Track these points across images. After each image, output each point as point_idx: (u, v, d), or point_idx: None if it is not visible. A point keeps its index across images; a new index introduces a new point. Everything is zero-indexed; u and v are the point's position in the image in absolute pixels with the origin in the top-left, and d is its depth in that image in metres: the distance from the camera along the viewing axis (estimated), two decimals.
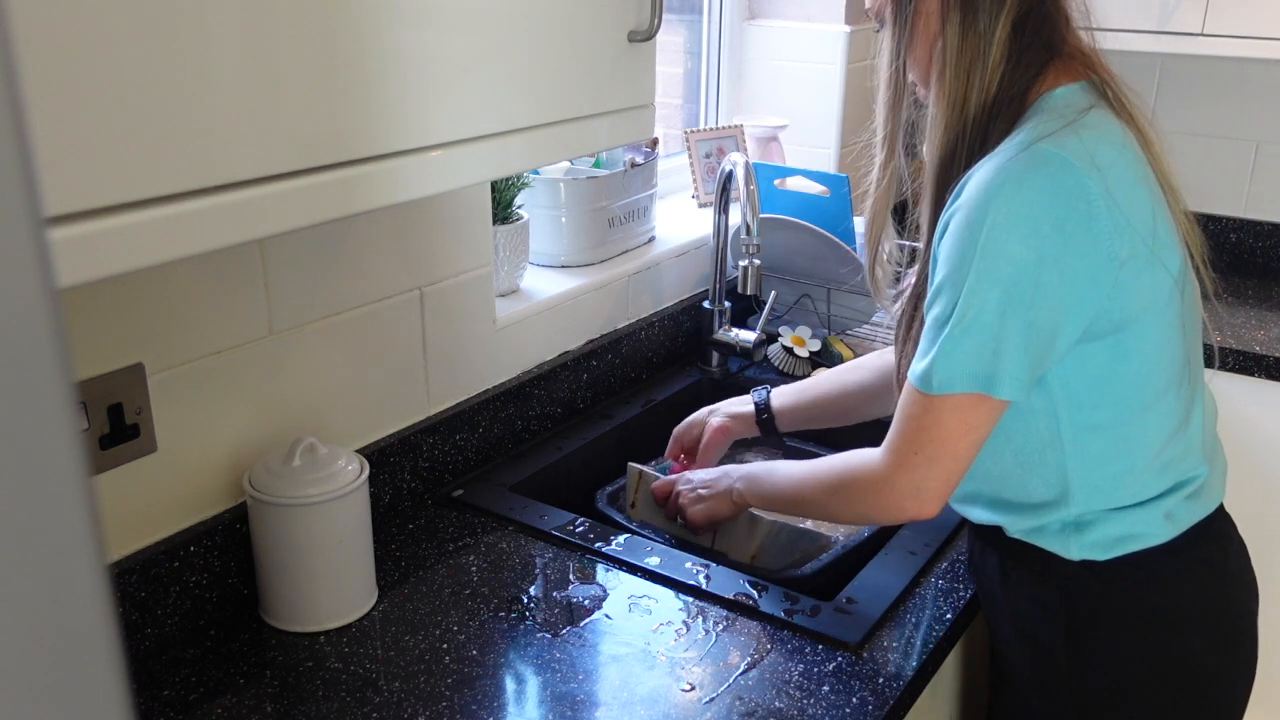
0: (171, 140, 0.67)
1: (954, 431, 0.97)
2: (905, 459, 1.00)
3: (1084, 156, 0.93)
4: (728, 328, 1.78)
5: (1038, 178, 0.92)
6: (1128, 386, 1.00)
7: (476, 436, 1.43)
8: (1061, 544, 1.04)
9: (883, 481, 1.02)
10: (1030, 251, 0.92)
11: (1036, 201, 0.92)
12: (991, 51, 0.99)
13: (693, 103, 2.23)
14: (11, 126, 0.27)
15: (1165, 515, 1.03)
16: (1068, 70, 1.02)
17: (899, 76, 1.07)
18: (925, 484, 0.99)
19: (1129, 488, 1.02)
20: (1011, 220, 0.92)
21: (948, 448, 0.98)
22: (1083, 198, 0.92)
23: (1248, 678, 1.11)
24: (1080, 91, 1.00)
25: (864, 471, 1.05)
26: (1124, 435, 1.01)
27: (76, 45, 0.62)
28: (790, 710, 0.99)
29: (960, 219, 0.95)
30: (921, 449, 0.99)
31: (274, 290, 1.15)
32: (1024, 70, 1.00)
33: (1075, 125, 0.95)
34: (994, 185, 0.93)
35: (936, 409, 0.97)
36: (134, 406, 1.03)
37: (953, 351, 0.95)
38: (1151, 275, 0.96)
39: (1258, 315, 2.10)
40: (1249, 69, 2.27)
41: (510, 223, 1.50)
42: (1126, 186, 0.95)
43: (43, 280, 0.28)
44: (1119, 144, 0.97)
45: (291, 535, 1.08)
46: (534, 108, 0.94)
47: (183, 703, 1.00)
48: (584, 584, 1.19)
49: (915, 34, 1.03)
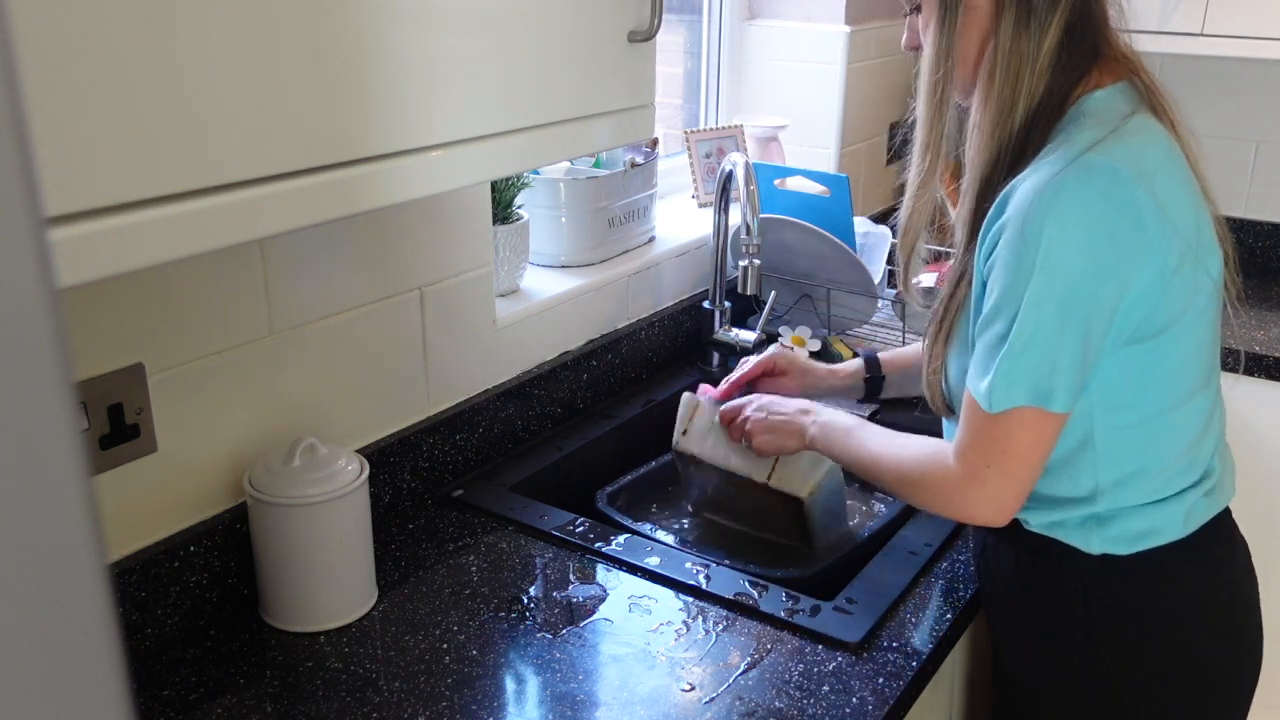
0: (171, 140, 0.67)
1: (1023, 445, 0.97)
2: (977, 472, 0.99)
3: (1132, 164, 0.92)
4: (728, 328, 1.78)
5: (1089, 190, 0.92)
6: (1163, 387, 1.00)
7: (476, 436, 1.43)
8: (1083, 538, 1.04)
9: (955, 490, 1.01)
10: (1089, 264, 0.91)
11: (1090, 214, 0.91)
12: (1042, 55, 0.97)
13: (693, 103, 2.23)
14: (11, 126, 0.27)
15: (1186, 512, 1.03)
16: (1110, 71, 1.01)
17: (946, 77, 1.03)
18: (998, 497, 0.99)
19: (1154, 484, 1.03)
20: (1067, 234, 0.91)
21: (1019, 461, 0.97)
22: (1133, 207, 0.92)
23: (1253, 677, 1.11)
24: (1119, 94, 0.99)
25: (939, 474, 1.03)
26: (1154, 433, 1.01)
27: (77, 45, 0.62)
28: (790, 710, 0.99)
29: (1013, 234, 0.94)
30: (993, 463, 0.98)
31: (274, 290, 1.15)
32: (1069, 74, 0.99)
33: (1120, 132, 0.95)
34: (1046, 198, 0.92)
35: (1002, 424, 0.97)
36: (134, 406, 1.03)
37: (1013, 369, 0.95)
38: (1195, 280, 0.97)
39: (1258, 315, 2.10)
40: (1249, 69, 2.27)
41: (510, 223, 1.50)
42: (1172, 192, 0.95)
43: (43, 280, 0.28)
44: (1164, 149, 0.97)
45: (291, 535, 1.08)
46: (534, 108, 0.94)
47: (183, 703, 1.00)
48: (584, 584, 1.19)
49: (966, 31, 1.00)
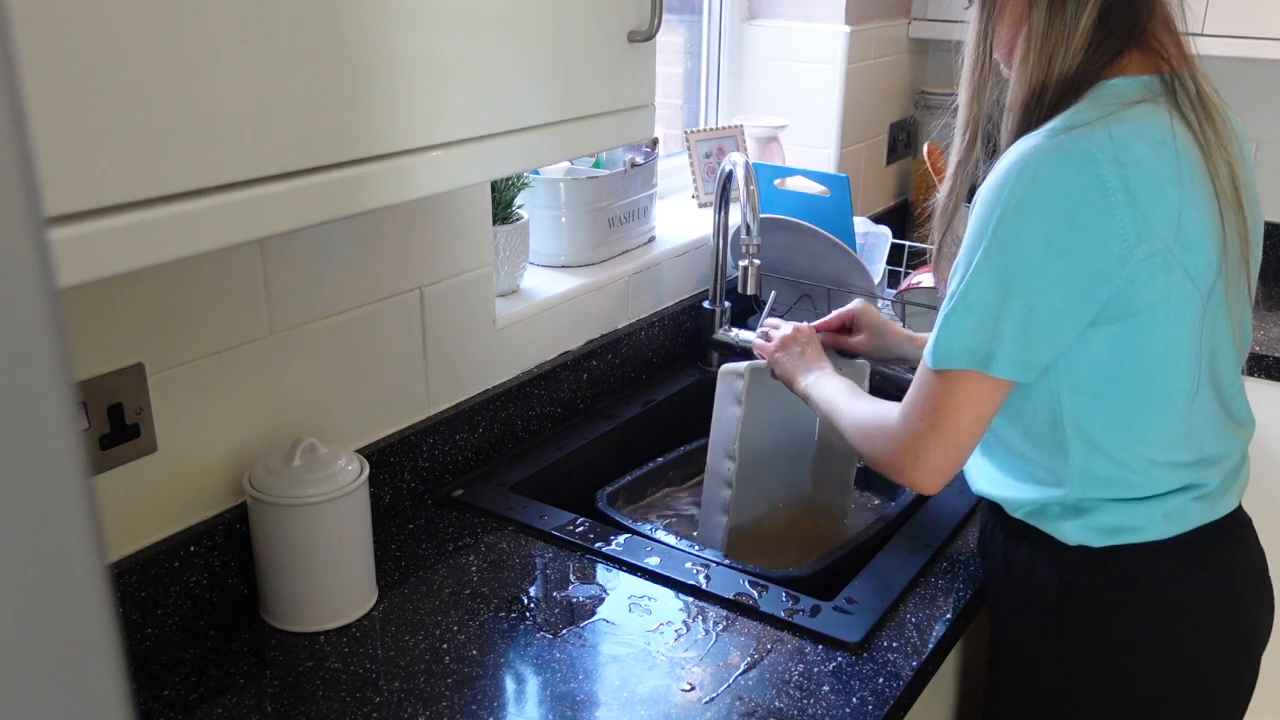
0: (171, 140, 0.67)
1: (957, 404, 1.00)
2: (912, 425, 1.03)
3: (1108, 151, 0.93)
4: (728, 328, 1.78)
5: (1056, 170, 0.94)
6: (1131, 381, 1.00)
7: (476, 436, 1.43)
8: (1059, 527, 1.06)
9: (892, 443, 1.05)
10: (1039, 238, 0.94)
11: (1051, 191, 0.93)
12: (1075, 39, 0.99)
13: (693, 103, 2.23)
14: (11, 126, 0.27)
15: (1164, 515, 1.03)
16: (1142, 62, 1.01)
17: (985, 58, 1.07)
18: (925, 452, 1.02)
19: (1128, 483, 1.03)
20: (1024, 206, 0.94)
21: (950, 419, 1.00)
22: (1099, 191, 0.93)
23: (1245, 684, 1.11)
24: (1139, 85, 1.00)
25: (882, 427, 1.08)
26: (1125, 428, 1.02)
27: (77, 45, 0.62)
28: (790, 710, 0.99)
29: (978, 201, 0.98)
30: (925, 416, 1.01)
31: (274, 290, 1.15)
32: (1099, 58, 1.00)
33: (1112, 118, 0.96)
34: (1015, 171, 0.95)
35: (943, 382, 1.00)
36: (134, 406, 1.03)
37: (956, 328, 0.98)
38: (1167, 275, 0.96)
39: (1258, 315, 2.10)
40: (1249, 69, 2.27)
41: (510, 223, 1.50)
42: (1151, 185, 0.94)
43: (43, 280, 0.28)
44: (1156, 141, 0.96)
45: (291, 535, 1.08)
46: (534, 108, 0.94)
47: (183, 703, 1.00)
48: (584, 584, 1.19)
49: (1004, 14, 1.04)
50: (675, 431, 1.65)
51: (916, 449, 1.02)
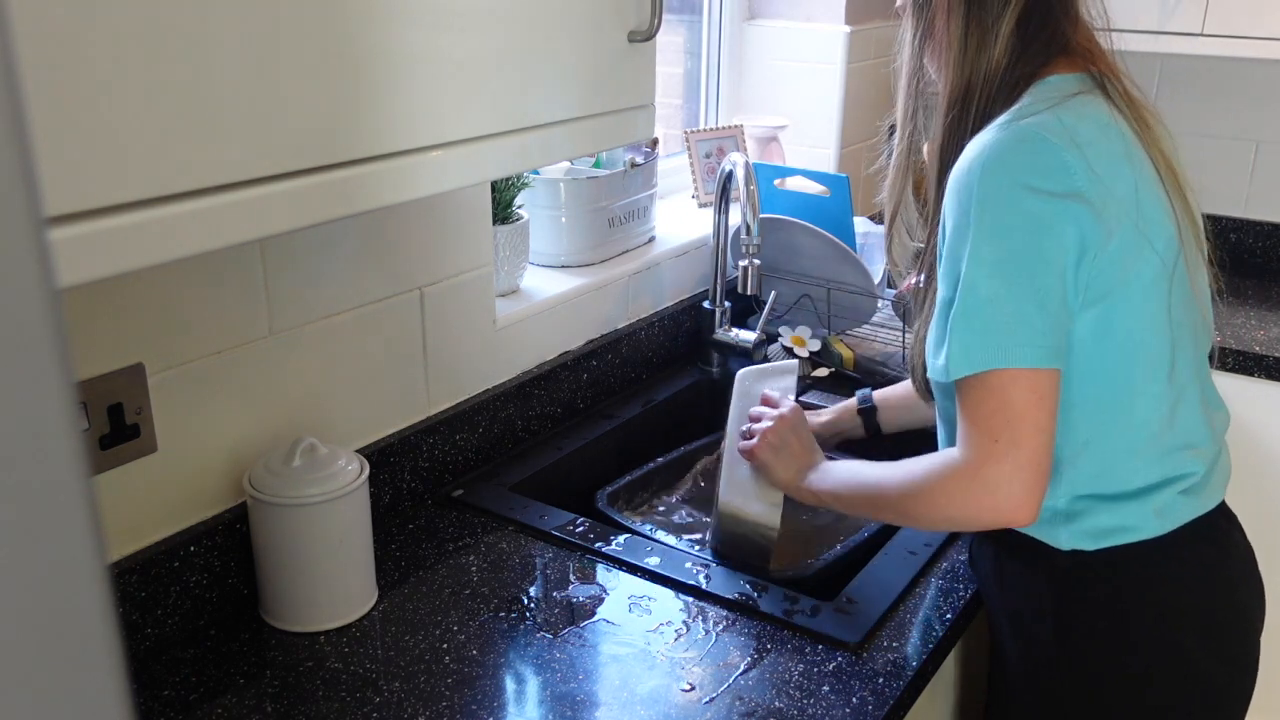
0: (172, 140, 0.67)
1: (1021, 405, 0.92)
2: (986, 450, 0.93)
3: (1062, 134, 0.96)
4: (728, 328, 1.78)
5: (1017, 154, 0.96)
6: (1111, 364, 1.00)
7: (476, 436, 1.43)
8: (1052, 533, 1.05)
9: (970, 480, 0.95)
10: (1023, 220, 0.94)
11: (1019, 175, 0.95)
12: (995, 45, 1.03)
13: (693, 103, 2.23)
14: (11, 126, 0.27)
15: (1155, 510, 1.03)
16: (1070, 65, 1.05)
17: (916, 65, 1.12)
18: (1017, 473, 0.93)
19: (1116, 474, 1.03)
20: (1001, 194, 0.95)
21: (1025, 423, 0.92)
22: (1062, 169, 0.95)
23: (1247, 680, 1.11)
24: (1074, 80, 1.04)
25: (948, 470, 0.97)
26: (1109, 416, 1.02)
27: (77, 45, 0.62)
28: (790, 710, 0.99)
29: (950, 202, 0.99)
30: (999, 435, 0.93)
31: (274, 290, 1.15)
32: (1026, 64, 1.03)
33: (1057, 108, 0.99)
34: (978, 164, 0.96)
35: (994, 393, 0.93)
36: (134, 406, 1.03)
37: (968, 330, 0.95)
38: (1137, 252, 0.98)
39: (1258, 315, 2.10)
40: (1249, 69, 2.27)
41: (510, 223, 1.50)
42: (1107, 161, 0.98)
43: (43, 280, 0.28)
44: (1102, 124, 1.00)
45: (291, 535, 1.08)
46: (534, 108, 0.94)
47: (183, 703, 1.00)
48: (584, 584, 1.19)
49: (933, 28, 1.08)
50: (675, 432, 1.65)
51: (1007, 471, 0.92)
